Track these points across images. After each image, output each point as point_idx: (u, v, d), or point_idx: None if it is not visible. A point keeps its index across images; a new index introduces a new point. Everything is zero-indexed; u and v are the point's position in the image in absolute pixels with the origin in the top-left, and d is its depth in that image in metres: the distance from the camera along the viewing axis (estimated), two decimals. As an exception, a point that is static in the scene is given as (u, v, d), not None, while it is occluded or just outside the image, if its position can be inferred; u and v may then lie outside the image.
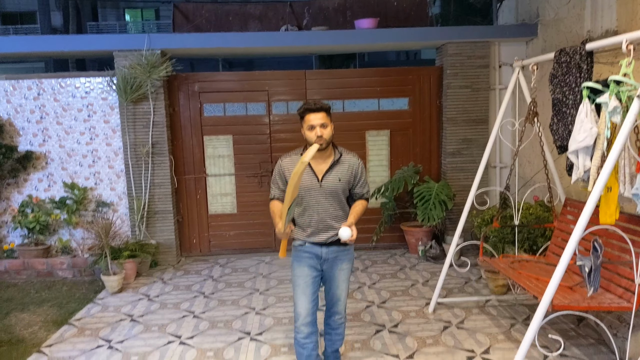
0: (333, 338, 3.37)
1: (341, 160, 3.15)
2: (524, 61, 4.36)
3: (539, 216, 4.74)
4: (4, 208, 6.10)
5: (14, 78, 5.99)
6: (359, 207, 3.22)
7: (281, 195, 3.19)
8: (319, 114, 3.03)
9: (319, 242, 3.15)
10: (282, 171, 3.18)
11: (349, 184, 3.18)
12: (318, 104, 3.06)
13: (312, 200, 3.13)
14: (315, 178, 3.11)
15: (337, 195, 3.15)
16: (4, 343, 4.14)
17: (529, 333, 2.88)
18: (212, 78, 6.34)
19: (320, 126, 3.02)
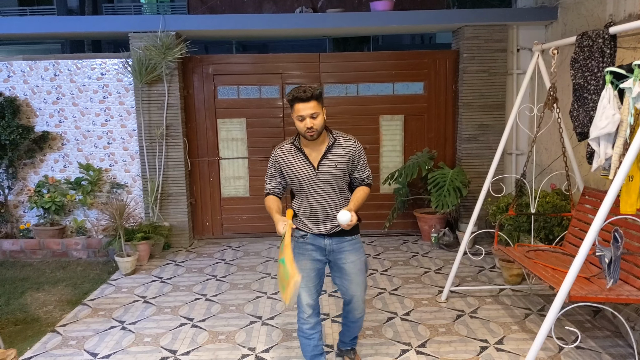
0: (352, 328, 3.32)
1: (336, 145, 2.96)
2: (544, 45, 4.25)
3: (555, 204, 4.65)
4: (21, 188, 6.15)
5: (31, 59, 6.00)
6: (360, 193, 3.03)
7: (277, 189, 3.07)
8: (309, 104, 2.81)
9: (321, 233, 3.02)
10: (277, 163, 3.03)
11: (347, 169, 3.00)
12: (308, 91, 2.81)
13: (310, 190, 2.99)
14: (310, 166, 2.96)
15: (336, 183, 2.98)
16: (20, 322, 4.20)
17: (545, 324, 2.83)
18: (226, 60, 6.29)
19: (310, 117, 2.82)
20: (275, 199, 3.07)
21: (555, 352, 3.51)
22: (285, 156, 3.01)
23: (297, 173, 2.99)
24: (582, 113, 3.65)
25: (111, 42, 11.34)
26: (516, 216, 4.70)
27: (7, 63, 5.97)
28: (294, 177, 3.01)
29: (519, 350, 3.55)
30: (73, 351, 3.68)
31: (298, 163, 2.98)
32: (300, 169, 2.98)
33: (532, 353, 2.89)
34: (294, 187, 3.07)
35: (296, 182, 3.02)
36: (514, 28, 6.05)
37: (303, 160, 2.97)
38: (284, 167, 3.02)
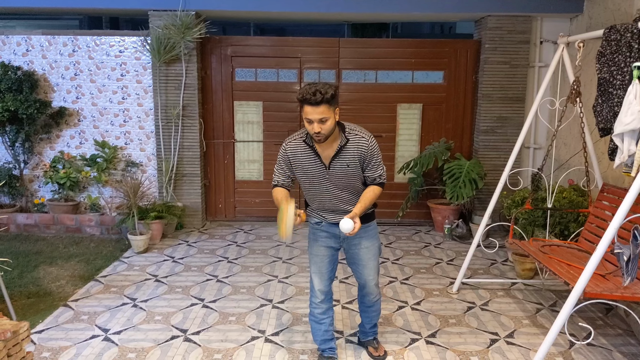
0: (370, 315, 3.31)
1: (348, 145, 2.82)
2: (569, 37, 4.16)
3: (572, 200, 4.59)
4: (36, 163, 6.20)
5: (50, 34, 6.00)
6: (369, 194, 2.88)
7: (285, 182, 2.97)
8: (319, 108, 2.63)
9: (336, 222, 2.97)
10: (287, 157, 2.92)
11: (361, 168, 2.89)
12: (319, 95, 2.60)
13: (322, 188, 2.92)
14: (322, 165, 2.87)
15: (348, 181, 2.90)
16: (32, 295, 4.25)
17: (558, 319, 2.80)
18: (245, 42, 6.25)
19: (318, 121, 2.66)
20: (284, 190, 2.95)
21: (566, 347, 3.49)
22: (297, 151, 2.90)
23: (307, 170, 2.91)
24: (606, 108, 3.57)
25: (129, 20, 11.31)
26: (532, 210, 4.65)
27: (26, 37, 5.98)
28: (304, 173, 2.93)
29: (529, 344, 3.53)
30: (85, 326, 3.72)
31: (309, 160, 2.89)
32: (311, 167, 2.89)
33: (544, 348, 2.87)
34: (304, 183, 2.98)
35: (306, 178, 2.94)
36: (538, 20, 5.94)
37: (314, 157, 2.87)
38: (294, 162, 2.92)
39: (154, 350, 3.40)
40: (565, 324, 2.86)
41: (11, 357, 2.65)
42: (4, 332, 2.60)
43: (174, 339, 3.54)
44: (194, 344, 3.49)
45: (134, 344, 3.47)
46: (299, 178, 2.98)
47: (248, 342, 3.52)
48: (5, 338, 2.59)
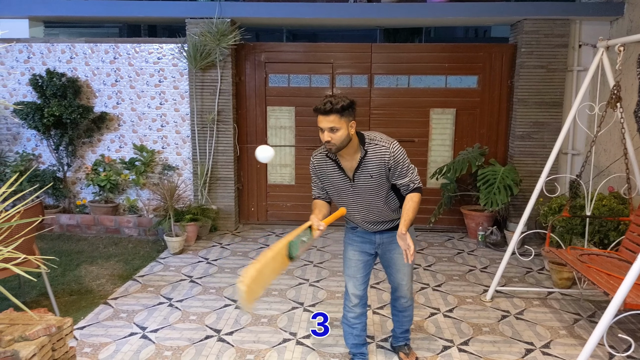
0: (401, 320, 3.31)
1: (368, 156, 2.80)
2: (609, 41, 4.07)
3: (612, 208, 4.48)
4: (79, 166, 6.41)
5: (93, 41, 6.21)
6: (409, 204, 2.81)
7: (321, 194, 3.00)
8: (329, 117, 2.66)
9: (370, 231, 3.02)
10: (315, 170, 2.97)
11: (386, 176, 2.84)
12: (328, 105, 2.64)
13: (349, 200, 2.93)
14: (346, 177, 2.87)
15: (374, 192, 2.87)
16: (74, 292, 4.40)
17: (597, 330, 2.74)
18: (278, 48, 6.33)
19: (328, 130, 2.69)
20: (323, 202, 2.98)
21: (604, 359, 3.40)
22: (322, 165, 2.93)
23: (334, 183, 2.93)
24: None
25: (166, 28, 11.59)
26: (570, 218, 4.56)
27: (70, 45, 6.20)
28: (332, 186, 2.95)
29: (566, 355, 3.45)
30: (123, 323, 3.83)
31: (334, 173, 2.90)
32: (336, 180, 2.91)
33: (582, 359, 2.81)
34: (333, 195, 3.00)
35: (334, 191, 2.96)
36: (576, 23, 5.82)
37: (338, 171, 2.88)
38: (321, 176, 2.96)
39: (189, 349, 3.47)
40: (604, 335, 2.79)
41: (55, 352, 2.75)
42: (49, 327, 2.70)
43: (208, 339, 3.61)
44: (227, 344, 3.55)
45: (169, 342, 3.55)
46: (328, 191, 3.00)
47: (280, 344, 3.56)
48: (51, 333, 2.70)
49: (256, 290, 2.51)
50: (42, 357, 2.61)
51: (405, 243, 2.73)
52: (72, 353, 2.92)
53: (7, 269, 3.19)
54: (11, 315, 2.83)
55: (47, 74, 5.96)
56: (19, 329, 2.64)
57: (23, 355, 2.47)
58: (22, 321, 2.74)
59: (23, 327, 2.66)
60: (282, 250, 2.66)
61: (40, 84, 5.95)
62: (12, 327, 2.66)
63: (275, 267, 2.64)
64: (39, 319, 2.78)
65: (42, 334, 2.66)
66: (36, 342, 2.58)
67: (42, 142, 6.35)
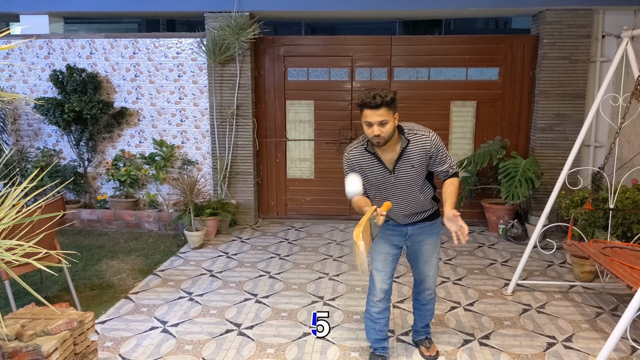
0: (423, 314, 3.31)
1: (410, 146, 2.81)
2: (634, 31, 3.97)
3: (636, 201, 4.39)
4: (99, 161, 6.49)
5: (112, 37, 6.26)
6: (451, 188, 2.86)
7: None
8: (378, 111, 2.65)
9: (403, 224, 3.03)
10: (351, 165, 2.93)
11: (426, 166, 2.88)
12: (378, 98, 2.63)
13: (387, 192, 2.92)
14: (385, 170, 2.87)
15: (414, 182, 2.89)
16: (96, 287, 4.46)
17: (620, 323, 2.70)
18: (297, 42, 6.32)
19: (378, 124, 2.68)
20: (363, 197, 2.91)
21: (627, 353, 3.35)
22: (359, 159, 2.91)
23: (372, 176, 2.92)
24: (675, 104, 3.40)
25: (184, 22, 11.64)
26: (592, 211, 4.48)
27: (89, 40, 6.26)
28: (369, 180, 2.94)
29: (588, 349, 3.41)
30: (144, 318, 3.87)
31: (372, 167, 2.89)
32: (375, 173, 2.90)
33: (605, 353, 2.76)
34: (369, 189, 2.98)
35: (371, 185, 2.95)
36: (599, 13, 5.70)
37: (377, 163, 2.87)
38: (358, 170, 2.93)
39: (210, 343, 3.50)
40: (627, 329, 2.74)
41: (77, 346, 2.79)
42: (70, 321, 2.74)
43: (228, 333, 3.63)
44: (247, 338, 3.57)
45: (190, 337, 3.58)
46: (365, 185, 2.97)
47: (300, 337, 3.57)
48: (72, 327, 2.73)
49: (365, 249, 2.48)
50: (64, 351, 2.64)
51: (457, 225, 2.75)
52: (93, 347, 2.96)
53: (29, 264, 3.24)
54: (33, 310, 2.87)
55: (67, 69, 6.03)
56: (41, 323, 2.67)
57: (45, 350, 2.50)
58: (44, 316, 2.78)
59: (45, 322, 2.69)
60: (367, 226, 2.61)
61: (61, 79, 6.02)
62: (34, 322, 2.69)
63: (367, 240, 2.58)
64: (61, 313, 2.82)
65: (64, 328, 2.69)
66: (58, 336, 2.61)
67: (63, 138, 6.44)
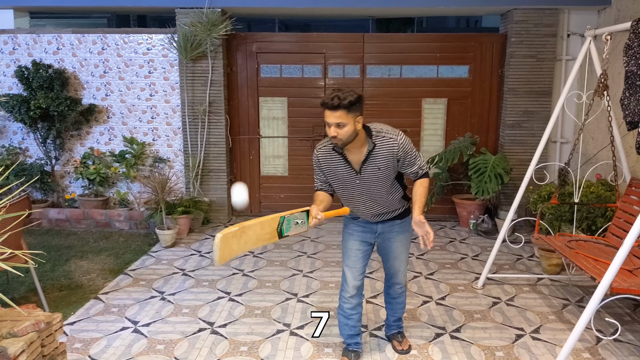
0: (394, 307, 3.34)
1: (376, 149, 2.80)
2: (596, 30, 4.09)
3: (600, 195, 4.53)
4: (67, 159, 6.37)
5: (80, 32, 6.14)
6: (420, 190, 2.86)
7: (324, 186, 2.98)
8: (336, 113, 2.64)
9: (373, 222, 3.05)
10: (319, 164, 2.94)
11: (393, 168, 2.86)
12: (336, 100, 2.62)
13: (354, 192, 2.92)
14: (352, 170, 2.86)
15: (381, 183, 2.87)
16: (64, 287, 4.37)
17: (585, 314, 2.78)
18: (270, 38, 6.30)
19: (335, 125, 2.67)
20: (325, 194, 2.95)
21: (592, 343, 3.45)
22: (327, 158, 2.90)
23: (339, 176, 2.92)
24: (634, 101, 3.51)
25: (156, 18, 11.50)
26: (558, 205, 4.60)
27: (56, 35, 6.12)
28: (336, 179, 2.94)
29: (555, 340, 3.51)
30: (115, 318, 3.82)
31: (339, 167, 2.89)
32: (342, 173, 2.90)
33: (570, 343, 2.85)
34: (337, 188, 2.99)
35: (339, 184, 2.95)
36: (565, 12, 5.85)
37: (344, 163, 2.86)
38: (325, 169, 2.93)
39: (182, 342, 3.47)
40: (591, 320, 2.83)
41: (45, 348, 2.73)
42: (37, 323, 2.68)
43: (201, 332, 3.62)
44: (220, 336, 3.56)
45: (162, 336, 3.55)
46: (333, 184, 2.99)
47: (273, 335, 3.58)
48: (39, 329, 2.67)
49: (233, 247, 2.46)
50: (31, 353, 2.59)
51: (423, 230, 2.77)
52: (62, 349, 2.90)
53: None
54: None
55: (33, 65, 5.89)
56: (7, 325, 2.61)
57: (11, 352, 2.45)
58: (10, 317, 2.71)
59: (11, 324, 2.63)
60: (273, 223, 2.61)
61: (26, 75, 5.88)
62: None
63: (261, 235, 2.58)
64: (27, 315, 2.76)
65: (31, 330, 2.63)
66: (25, 338, 2.56)
67: (29, 136, 6.28)
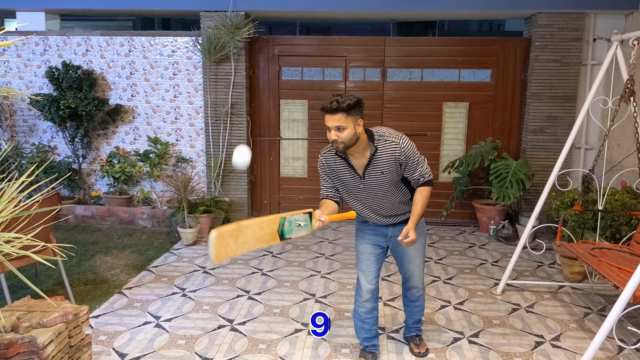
0: (412, 310, 3.34)
1: (378, 153, 2.79)
2: (623, 35, 4.04)
3: (625, 203, 4.46)
4: (94, 157, 6.50)
5: (108, 34, 6.28)
6: (419, 198, 2.88)
7: (330, 193, 2.97)
8: (335, 116, 2.64)
9: (380, 224, 3.05)
10: (324, 168, 2.95)
11: (397, 172, 2.84)
12: (334, 103, 2.62)
13: (360, 196, 2.94)
14: (356, 175, 2.87)
15: (385, 187, 2.88)
16: (89, 282, 4.48)
17: (607, 322, 2.75)
18: (292, 41, 6.36)
19: (335, 129, 2.67)
20: (330, 202, 2.94)
21: (614, 353, 3.41)
22: (331, 163, 2.92)
23: (343, 180, 2.94)
24: (662, 108, 3.47)
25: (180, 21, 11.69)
26: (581, 212, 4.55)
27: (85, 38, 6.27)
28: (341, 183, 2.96)
29: (575, 348, 3.47)
30: (138, 312, 3.90)
31: (343, 171, 2.91)
32: (346, 177, 2.91)
33: (591, 351, 2.82)
34: (343, 193, 3.01)
35: (344, 188, 2.98)
36: (591, 17, 5.78)
37: (348, 168, 2.88)
38: (330, 173, 2.95)
39: (202, 338, 3.53)
40: (613, 328, 2.80)
41: (72, 339, 2.82)
42: (66, 314, 2.77)
43: (221, 328, 3.67)
44: (240, 333, 3.60)
45: (183, 332, 3.61)
46: (339, 188, 3.01)
47: (292, 334, 3.61)
48: (68, 320, 2.76)
49: (230, 246, 2.41)
50: (59, 343, 2.68)
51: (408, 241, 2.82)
52: (87, 340, 2.99)
53: (25, 258, 3.26)
54: (29, 303, 2.90)
55: (63, 66, 6.04)
56: (37, 316, 2.70)
57: (40, 342, 2.53)
58: (40, 309, 2.81)
59: (40, 314, 2.72)
60: (273, 223, 2.56)
61: (57, 76, 6.03)
62: (29, 314, 2.72)
63: (261, 236, 2.52)
64: (57, 306, 2.85)
65: (59, 321, 2.72)
66: (53, 328, 2.65)
67: (58, 134, 6.44)
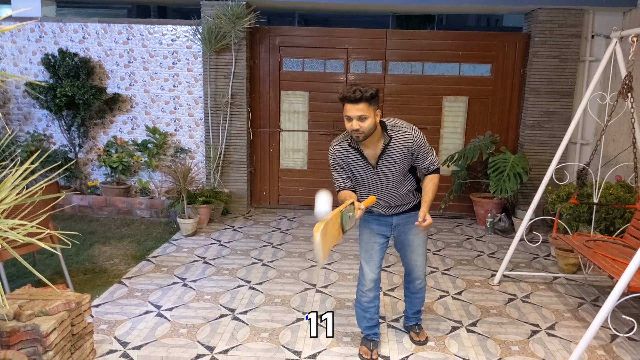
0: (413, 301, 3.40)
1: (392, 142, 2.85)
2: (622, 32, 4.09)
3: (619, 196, 4.53)
4: (91, 147, 6.49)
5: (106, 22, 6.23)
6: (429, 186, 2.95)
7: (347, 183, 2.99)
8: (358, 105, 2.68)
9: (388, 215, 3.10)
10: (336, 159, 2.97)
11: (408, 162, 2.93)
12: (358, 93, 2.66)
13: (371, 187, 2.98)
14: (369, 165, 2.92)
15: (396, 177, 2.94)
16: (89, 271, 4.49)
17: (602, 311, 2.82)
18: (293, 32, 6.36)
19: (357, 119, 2.70)
20: (348, 192, 2.96)
21: (607, 341, 3.48)
22: (343, 154, 2.95)
23: (356, 171, 2.97)
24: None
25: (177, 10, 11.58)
26: (577, 206, 4.62)
27: (82, 24, 6.22)
28: (353, 174, 3.00)
29: (570, 337, 3.54)
30: (138, 302, 3.92)
31: (356, 162, 2.94)
32: (358, 168, 2.95)
33: (586, 339, 2.89)
34: (354, 183, 3.05)
35: (356, 179, 3.01)
36: (590, 13, 5.83)
37: (361, 159, 2.92)
38: (342, 164, 2.98)
39: (204, 327, 3.57)
40: (608, 317, 2.87)
41: (74, 327, 2.83)
42: (68, 302, 2.78)
43: (222, 317, 3.71)
44: (241, 322, 3.64)
45: (185, 320, 3.65)
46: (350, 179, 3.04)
47: (293, 322, 3.65)
48: (70, 308, 2.77)
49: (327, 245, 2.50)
50: (62, 331, 2.68)
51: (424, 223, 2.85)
52: (89, 329, 3.00)
53: (25, 246, 3.27)
54: (30, 291, 2.89)
55: (60, 53, 6.00)
56: (39, 304, 2.70)
57: (43, 329, 2.54)
58: (42, 297, 2.81)
59: (43, 302, 2.72)
60: (336, 218, 2.63)
61: (53, 63, 5.98)
62: (31, 302, 2.72)
63: (333, 231, 2.60)
64: (60, 294, 2.86)
65: (62, 309, 2.72)
66: (56, 317, 2.64)
67: (54, 123, 6.41)
